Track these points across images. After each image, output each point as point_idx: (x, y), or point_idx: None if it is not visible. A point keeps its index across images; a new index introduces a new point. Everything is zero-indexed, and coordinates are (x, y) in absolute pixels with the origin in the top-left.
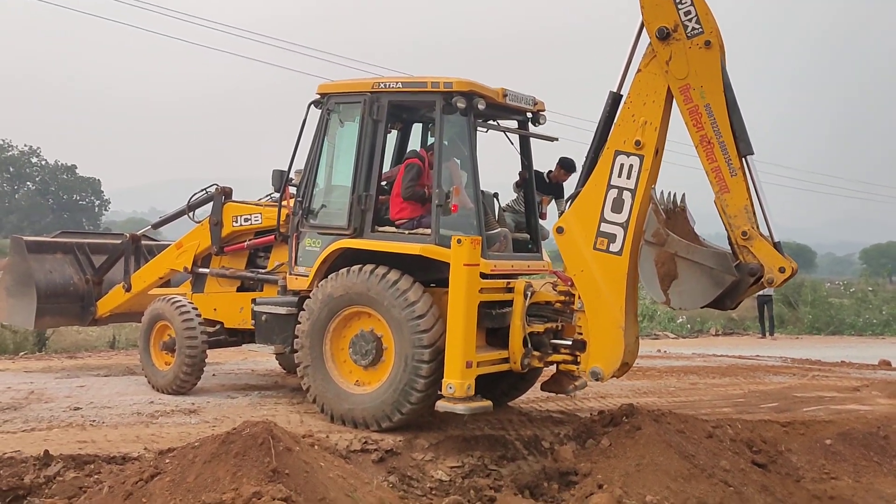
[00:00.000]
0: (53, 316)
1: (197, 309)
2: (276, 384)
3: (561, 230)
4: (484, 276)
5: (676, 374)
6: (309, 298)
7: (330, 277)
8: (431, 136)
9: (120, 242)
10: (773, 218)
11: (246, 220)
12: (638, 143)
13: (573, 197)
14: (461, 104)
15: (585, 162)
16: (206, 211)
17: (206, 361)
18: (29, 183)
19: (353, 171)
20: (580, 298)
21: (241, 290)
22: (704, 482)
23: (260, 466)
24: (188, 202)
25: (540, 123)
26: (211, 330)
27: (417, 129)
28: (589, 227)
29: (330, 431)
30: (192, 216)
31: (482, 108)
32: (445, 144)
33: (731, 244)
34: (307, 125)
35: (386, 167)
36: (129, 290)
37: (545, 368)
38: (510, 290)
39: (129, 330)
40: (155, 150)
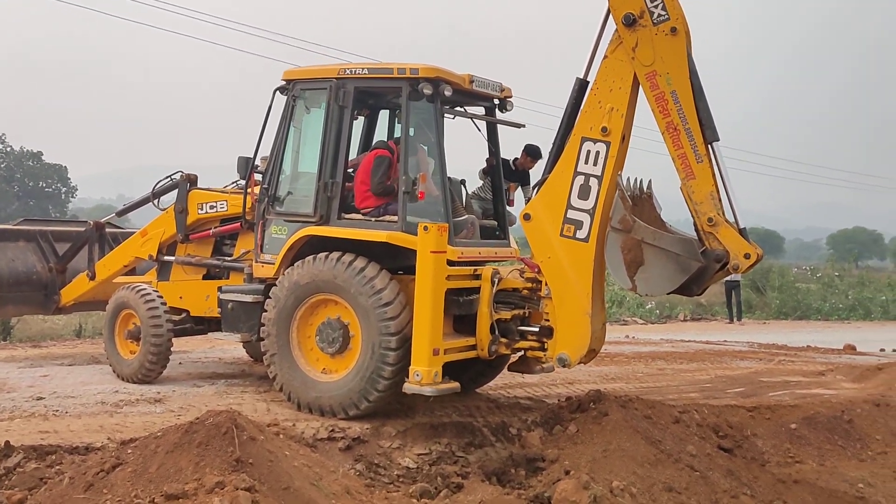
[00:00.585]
0: (16, 304)
1: (162, 297)
2: (243, 372)
3: (528, 217)
4: (451, 263)
5: (644, 359)
6: (275, 286)
7: (296, 265)
8: (398, 122)
9: (84, 230)
10: (738, 204)
11: (211, 207)
12: (604, 129)
13: (540, 184)
14: (427, 90)
15: (552, 149)
16: (171, 198)
17: (171, 350)
18: None
19: (319, 157)
20: (547, 285)
21: (206, 277)
22: (671, 467)
23: (223, 456)
24: (153, 189)
25: (507, 110)
26: (177, 318)
27: (385, 115)
28: (556, 213)
29: (297, 420)
30: (156, 204)
31: (449, 94)
32: (412, 131)
33: (697, 230)
34: (273, 112)
35: (353, 154)
36: (93, 278)
37: (512, 355)
38: (477, 277)
39: (95, 318)
40: (123, 136)
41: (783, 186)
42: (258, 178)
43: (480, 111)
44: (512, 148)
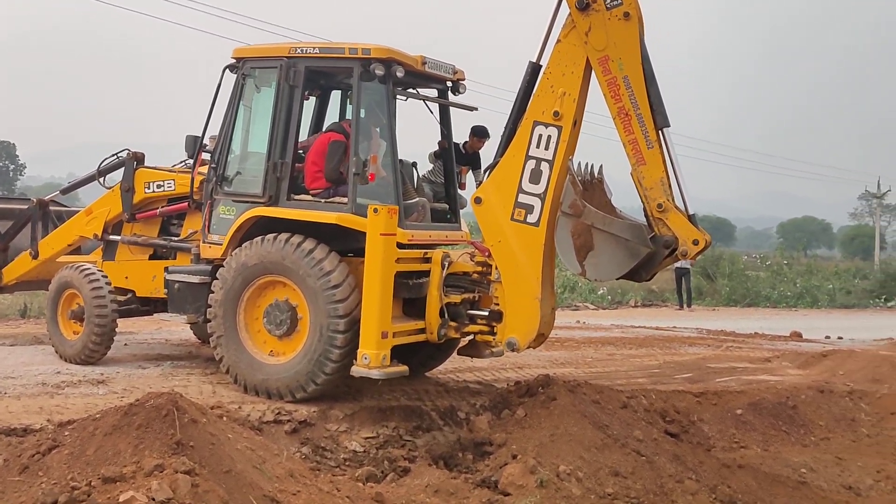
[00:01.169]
0: None
1: (107, 277)
2: (189, 354)
3: (479, 200)
4: (401, 245)
5: (594, 344)
6: (223, 267)
7: (244, 246)
8: (350, 103)
9: (27, 207)
10: (688, 191)
11: (158, 186)
12: (556, 113)
13: (491, 167)
14: (379, 71)
15: (504, 132)
16: (117, 177)
17: (116, 331)
18: None
19: (268, 137)
20: (497, 269)
21: (153, 258)
22: (617, 452)
23: (163, 439)
24: (98, 167)
25: (460, 92)
26: (122, 299)
27: (337, 96)
28: (507, 197)
29: (243, 402)
30: (102, 182)
31: (401, 75)
32: (363, 112)
33: (646, 216)
34: (222, 90)
35: (304, 135)
36: (36, 257)
37: (462, 339)
38: (427, 260)
39: (41, 298)
40: (72, 113)
41: (737, 175)
42: (206, 157)
43: (433, 93)
44: (464, 131)
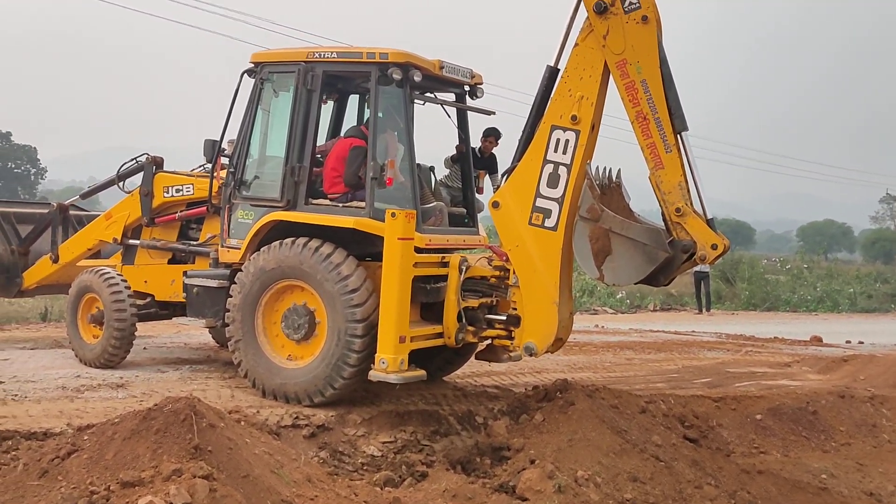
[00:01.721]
0: None
1: (126, 281)
2: (208, 358)
3: (496, 205)
4: (419, 250)
5: (612, 349)
6: (241, 271)
7: (262, 250)
8: (368, 107)
9: (47, 212)
10: (710, 195)
11: (177, 190)
12: (574, 118)
13: (509, 172)
14: (397, 76)
15: (522, 136)
16: (137, 181)
17: (135, 335)
18: None
19: (286, 142)
20: (515, 273)
21: (172, 262)
22: (636, 457)
23: (181, 443)
24: (118, 172)
25: (477, 96)
26: (141, 303)
27: (354, 100)
28: (524, 202)
29: (261, 407)
30: (121, 186)
31: (418, 79)
32: (381, 116)
33: (664, 220)
34: (240, 94)
35: (321, 139)
36: (56, 261)
37: (479, 343)
38: (445, 264)
39: (62, 301)
40: (94, 117)
41: (756, 178)
42: (225, 161)
43: (451, 97)
44: (480, 135)
